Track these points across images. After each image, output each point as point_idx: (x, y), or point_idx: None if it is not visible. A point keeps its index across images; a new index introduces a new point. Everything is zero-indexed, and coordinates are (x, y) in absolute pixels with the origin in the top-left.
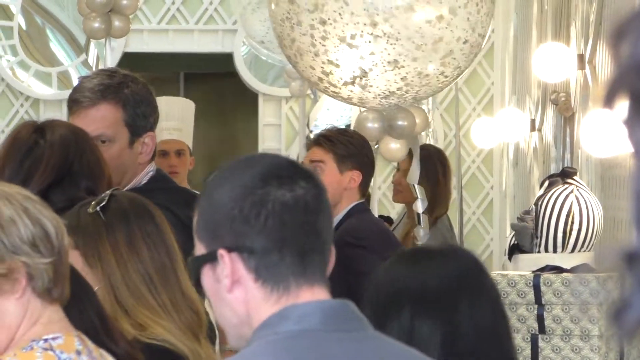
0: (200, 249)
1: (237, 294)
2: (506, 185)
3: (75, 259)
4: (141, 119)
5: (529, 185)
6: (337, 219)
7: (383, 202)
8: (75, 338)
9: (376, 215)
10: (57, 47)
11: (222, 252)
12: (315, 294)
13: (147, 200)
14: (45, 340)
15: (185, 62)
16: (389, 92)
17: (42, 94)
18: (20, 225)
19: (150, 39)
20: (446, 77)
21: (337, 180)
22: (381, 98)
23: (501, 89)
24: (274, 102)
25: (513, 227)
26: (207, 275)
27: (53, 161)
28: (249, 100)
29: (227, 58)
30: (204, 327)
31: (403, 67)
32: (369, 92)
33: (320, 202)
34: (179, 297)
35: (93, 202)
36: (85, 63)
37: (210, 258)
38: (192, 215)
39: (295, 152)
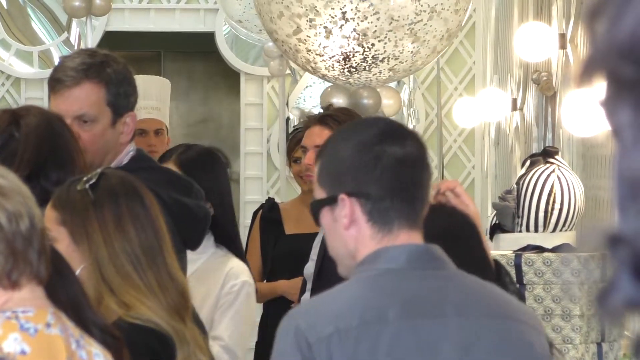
0: (320, 194)
1: (351, 232)
2: (488, 165)
3: (62, 236)
4: (123, 98)
5: (510, 164)
6: None
7: None
8: (49, 314)
9: None
10: (38, 26)
11: (343, 196)
12: (412, 237)
13: (138, 181)
14: (14, 312)
15: (166, 41)
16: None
17: (24, 72)
18: None
19: (131, 17)
20: None
21: None
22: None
23: (482, 69)
24: (255, 81)
25: (494, 206)
26: (326, 215)
27: (27, 156)
28: (230, 79)
29: (209, 37)
30: (190, 309)
31: None
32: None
33: (424, 158)
34: (165, 279)
35: (83, 179)
36: (66, 42)
37: (332, 201)
38: (174, 195)
39: (276, 130)
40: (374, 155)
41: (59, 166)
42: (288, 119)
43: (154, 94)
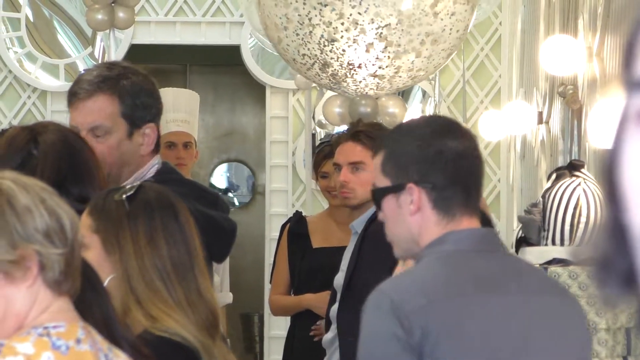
0: (383, 182)
1: (416, 218)
2: (513, 178)
3: (95, 244)
4: (140, 110)
5: (536, 178)
6: (370, 211)
7: None
8: (79, 328)
9: None
10: (64, 38)
11: (411, 185)
12: (472, 223)
13: (176, 197)
14: (45, 327)
15: (192, 54)
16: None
17: (50, 85)
18: (36, 215)
19: (157, 30)
20: None
21: None
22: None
23: (508, 82)
24: (281, 94)
25: (520, 219)
26: (390, 201)
27: (47, 174)
28: (256, 92)
29: (235, 50)
30: (219, 328)
31: None
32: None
33: (478, 151)
34: (194, 296)
35: (121, 190)
36: (92, 55)
37: (398, 189)
38: (200, 208)
39: (302, 144)
40: (438, 149)
41: (79, 181)
42: (314, 133)
43: (183, 107)
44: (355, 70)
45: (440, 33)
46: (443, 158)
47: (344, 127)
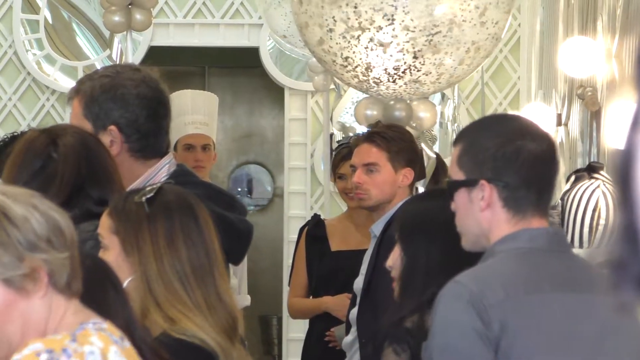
0: (458, 175)
1: (486, 214)
2: None
3: (114, 245)
4: (103, 111)
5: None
6: (388, 214)
7: None
8: (113, 326)
9: None
10: (83, 41)
11: (483, 182)
12: (542, 224)
13: (196, 200)
14: (94, 323)
15: (211, 56)
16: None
17: (68, 87)
18: (33, 222)
19: (176, 32)
20: None
21: (392, 180)
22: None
23: (527, 84)
24: (300, 96)
25: None
26: (461, 195)
27: (66, 178)
28: (275, 94)
29: (253, 52)
30: (238, 331)
31: None
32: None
33: (555, 154)
34: (213, 299)
35: (141, 192)
36: (110, 57)
37: (471, 183)
38: (216, 210)
39: (320, 145)
40: (515, 149)
41: (99, 184)
42: (332, 134)
43: (201, 109)
44: (399, 75)
45: (484, 41)
46: (519, 158)
47: (363, 129)
